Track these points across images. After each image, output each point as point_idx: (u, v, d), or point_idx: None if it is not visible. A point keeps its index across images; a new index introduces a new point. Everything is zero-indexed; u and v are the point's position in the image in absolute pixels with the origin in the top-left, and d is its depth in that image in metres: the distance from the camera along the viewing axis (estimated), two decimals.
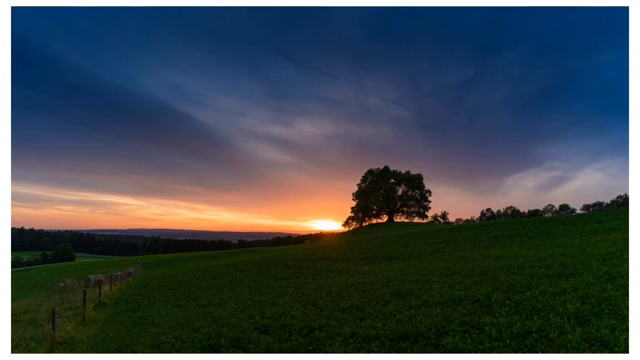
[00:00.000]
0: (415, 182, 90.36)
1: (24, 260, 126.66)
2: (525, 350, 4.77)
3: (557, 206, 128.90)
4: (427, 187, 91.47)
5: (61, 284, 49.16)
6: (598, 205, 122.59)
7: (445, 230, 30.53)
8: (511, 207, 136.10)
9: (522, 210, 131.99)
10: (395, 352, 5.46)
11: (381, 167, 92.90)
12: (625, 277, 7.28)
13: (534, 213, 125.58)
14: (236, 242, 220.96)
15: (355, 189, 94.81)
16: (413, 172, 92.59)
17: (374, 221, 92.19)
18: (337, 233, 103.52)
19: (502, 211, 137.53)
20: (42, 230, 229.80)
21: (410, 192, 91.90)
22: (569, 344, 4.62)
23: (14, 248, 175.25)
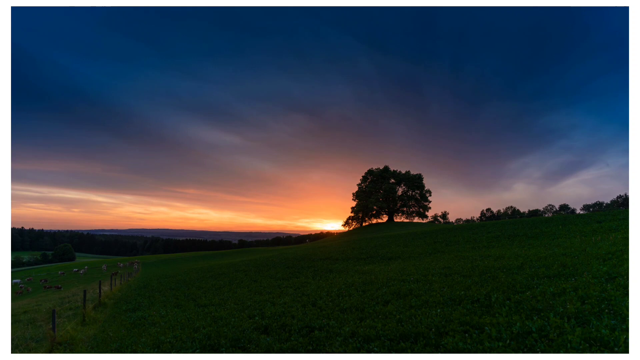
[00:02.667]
0: (415, 182, 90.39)
1: (24, 260, 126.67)
2: (525, 350, 4.77)
3: (557, 206, 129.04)
4: (427, 187, 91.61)
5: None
6: (598, 205, 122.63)
7: (445, 230, 30.53)
8: (511, 207, 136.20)
9: (522, 210, 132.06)
10: (395, 352, 5.46)
11: (381, 167, 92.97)
12: (625, 277, 7.28)
13: (534, 213, 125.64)
14: (236, 242, 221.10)
15: (354, 187, 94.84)
16: (413, 172, 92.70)
17: (374, 221, 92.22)
18: (337, 233, 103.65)
19: (502, 211, 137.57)
20: (42, 230, 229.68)
21: (410, 192, 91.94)
22: (569, 344, 4.62)
23: (14, 248, 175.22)
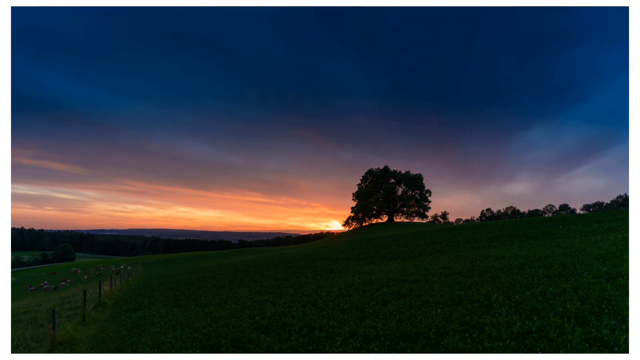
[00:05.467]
0: (415, 182, 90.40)
1: (24, 260, 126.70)
2: (525, 350, 4.77)
3: (557, 206, 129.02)
4: (427, 187, 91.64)
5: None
6: (598, 205, 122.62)
7: (445, 230, 30.54)
8: (511, 207, 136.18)
9: (522, 210, 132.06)
10: (395, 352, 5.46)
11: (381, 167, 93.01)
12: (625, 277, 7.28)
13: (534, 213, 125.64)
14: (236, 242, 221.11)
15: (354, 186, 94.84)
16: (413, 172, 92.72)
17: (374, 221, 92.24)
18: (337, 233, 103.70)
19: (502, 211, 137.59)
20: (42, 230, 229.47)
21: (410, 192, 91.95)
22: (569, 344, 4.62)
23: (14, 248, 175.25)
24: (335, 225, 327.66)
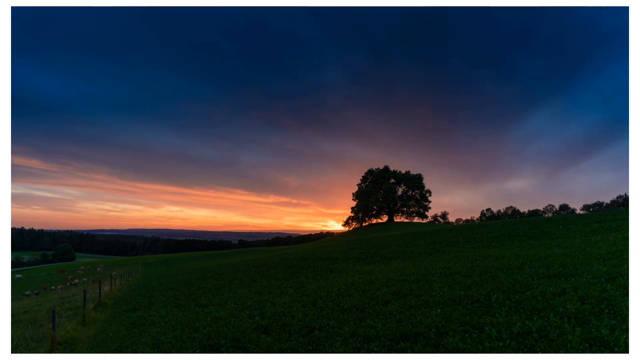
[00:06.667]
0: (415, 182, 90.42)
1: (24, 260, 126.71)
2: (525, 350, 4.77)
3: (557, 206, 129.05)
4: (427, 187, 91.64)
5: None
6: (598, 205, 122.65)
7: (445, 230, 30.55)
8: (511, 207, 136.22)
9: (522, 210, 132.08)
10: (395, 352, 5.46)
11: (381, 167, 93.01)
12: (625, 277, 7.28)
13: (534, 213, 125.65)
14: (236, 242, 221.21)
15: (354, 186, 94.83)
16: (413, 172, 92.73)
17: (374, 221, 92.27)
18: (337, 233, 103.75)
19: (502, 211, 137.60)
20: (42, 230, 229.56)
21: (410, 192, 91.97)
22: (569, 344, 4.62)
23: (14, 248, 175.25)
24: (333, 224, 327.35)
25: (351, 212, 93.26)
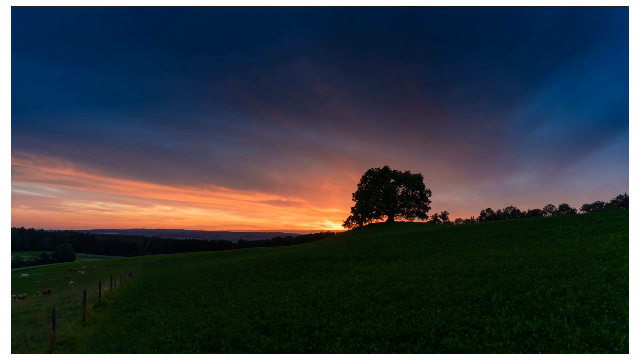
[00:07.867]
0: (415, 182, 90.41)
1: (24, 260, 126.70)
2: (525, 350, 4.77)
3: (557, 206, 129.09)
4: (427, 187, 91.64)
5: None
6: (598, 205, 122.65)
7: (445, 230, 30.54)
8: (511, 207, 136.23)
9: (522, 210, 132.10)
10: (395, 352, 5.46)
11: (381, 167, 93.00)
12: (625, 277, 7.28)
13: (534, 213, 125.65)
14: (236, 242, 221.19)
15: (354, 186, 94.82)
16: (413, 172, 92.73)
17: (374, 221, 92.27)
18: (337, 233, 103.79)
19: (502, 211, 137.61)
20: (42, 230, 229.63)
21: (410, 192, 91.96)
22: (569, 344, 4.62)
23: (14, 248, 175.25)
24: (330, 224, 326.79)
25: (351, 212, 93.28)
